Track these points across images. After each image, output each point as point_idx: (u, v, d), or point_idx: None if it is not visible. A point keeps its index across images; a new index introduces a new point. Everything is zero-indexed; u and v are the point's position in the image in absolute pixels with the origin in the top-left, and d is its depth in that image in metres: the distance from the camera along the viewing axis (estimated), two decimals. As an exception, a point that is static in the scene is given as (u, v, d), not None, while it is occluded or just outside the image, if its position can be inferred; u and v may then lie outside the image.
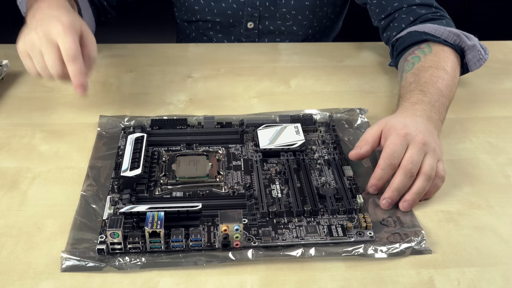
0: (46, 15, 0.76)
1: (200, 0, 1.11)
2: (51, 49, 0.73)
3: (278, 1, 1.09)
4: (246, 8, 1.09)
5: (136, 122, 0.82)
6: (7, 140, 0.79)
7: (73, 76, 0.73)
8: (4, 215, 0.66)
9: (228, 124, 0.82)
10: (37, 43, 0.74)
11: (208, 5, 1.11)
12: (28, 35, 0.75)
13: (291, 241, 0.61)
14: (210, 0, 1.10)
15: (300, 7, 1.10)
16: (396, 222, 0.65)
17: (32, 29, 0.75)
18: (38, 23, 0.75)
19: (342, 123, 0.83)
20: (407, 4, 0.97)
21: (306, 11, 1.11)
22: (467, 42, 0.89)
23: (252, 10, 1.09)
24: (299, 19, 1.11)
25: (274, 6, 1.09)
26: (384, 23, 1.00)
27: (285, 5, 1.09)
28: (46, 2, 0.80)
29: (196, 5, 1.12)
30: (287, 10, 1.09)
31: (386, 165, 0.68)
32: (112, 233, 0.58)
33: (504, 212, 0.68)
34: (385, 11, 0.99)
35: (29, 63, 0.77)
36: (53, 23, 0.73)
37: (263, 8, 1.09)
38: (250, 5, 1.09)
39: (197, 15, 1.14)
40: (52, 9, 0.77)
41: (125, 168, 0.68)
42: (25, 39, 0.75)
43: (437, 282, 0.58)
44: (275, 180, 0.71)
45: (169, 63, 1.03)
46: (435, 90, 0.79)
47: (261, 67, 1.02)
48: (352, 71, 1.01)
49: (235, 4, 1.09)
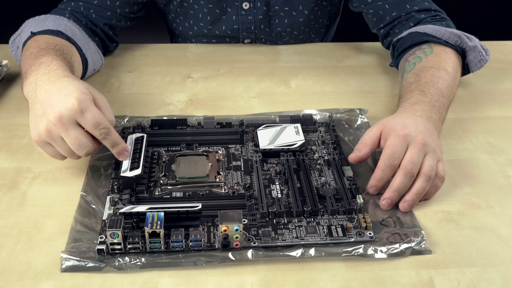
0: (50, 93, 0.67)
1: (193, 26, 1.10)
2: (74, 131, 0.65)
3: (272, 22, 1.08)
4: (242, 33, 1.09)
5: (136, 122, 0.82)
6: (7, 140, 0.79)
7: (113, 147, 0.68)
8: (4, 215, 0.66)
9: (228, 124, 0.82)
10: (53, 130, 0.65)
11: (201, 32, 1.10)
12: (40, 124, 0.66)
13: (291, 242, 0.61)
14: (203, 28, 1.09)
15: (296, 24, 1.09)
16: (396, 222, 0.65)
17: (42, 117, 0.66)
18: (46, 108, 0.66)
19: (342, 123, 0.83)
20: (406, 12, 0.96)
21: (301, 26, 1.10)
22: (468, 43, 0.89)
23: (248, 34, 1.09)
24: (295, 34, 1.10)
25: (269, 28, 1.09)
26: (383, 31, 1.00)
27: (280, 24, 1.08)
28: (44, 74, 0.71)
29: (190, 30, 1.11)
30: (282, 28, 1.08)
31: (386, 166, 0.68)
32: (112, 233, 0.58)
33: (504, 212, 0.68)
34: (384, 21, 0.99)
35: (51, 151, 0.69)
36: (63, 103, 0.65)
37: (258, 31, 1.08)
38: (245, 30, 1.08)
39: (191, 39, 1.13)
40: (53, 83, 0.68)
41: (125, 168, 0.68)
42: (39, 129, 0.66)
43: (437, 282, 0.58)
44: (275, 180, 0.71)
45: (169, 63, 1.03)
46: (435, 91, 0.79)
47: (261, 67, 1.02)
48: (352, 71, 1.01)
49: (230, 31, 1.09)
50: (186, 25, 1.11)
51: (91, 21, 0.97)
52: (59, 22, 0.90)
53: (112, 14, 0.99)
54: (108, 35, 1.01)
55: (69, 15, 0.94)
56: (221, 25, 1.08)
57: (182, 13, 1.09)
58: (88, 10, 0.97)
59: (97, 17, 0.98)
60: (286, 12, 1.06)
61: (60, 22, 0.90)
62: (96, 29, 0.97)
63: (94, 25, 0.97)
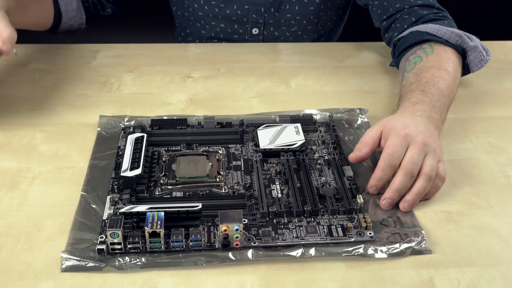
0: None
1: (204, 6, 1.10)
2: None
3: (283, 7, 1.09)
4: (251, 15, 1.09)
5: (136, 122, 0.82)
6: (7, 140, 0.79)
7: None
8: (4, 215, 0.66)
9: (228, 124, 0.82)
10: None
11: (212, 11, 1.10)
12: None
13: (291, 241, 0.61)
14: (214, 6, 1.10)
15: (305, 12, 1.10)
16: (396, 222, 0.65)
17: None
18: None
19: (342, 123, 0.83)
20: (409, 5, 0.97)
21: (311, 15, 1.10)
22: (469, 43, 0.89)
23: (257, 17, 1.09)
24: (304, 24, 1.11)
25: (278, 12, 1.09)
26: (385, 24, 1.00)
27: (290, 10, 1.09)
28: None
29: (200, 11, 1.11)
30: (291, 15, 1.09)
31: (386, 166, 0.68)
32: (112, 233, 0.58)
33: (504, 212, 0.68)
34: (387, 12, 0.99)
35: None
36: None
37: (268, 15, 1.09)
38: (254, 11, 1.09)
39: (201, 20, 1.13)
40: None
41: (125, 168, 0.68)
42: None
43: (437, 282, 0.58)
44: (275, 180, 0.71)
45: (169, 63, 1.03)
46: (436, 90, 0.79)
47: (261, 67, 1.02)
48: (352, 71, 1.01)
49: (240, 11, 1.09)
50: (195, 5, 1.11)
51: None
52: None
53: None
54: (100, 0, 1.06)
55: None
56: (233, 4, 1.09)
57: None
58: None
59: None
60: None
61: None
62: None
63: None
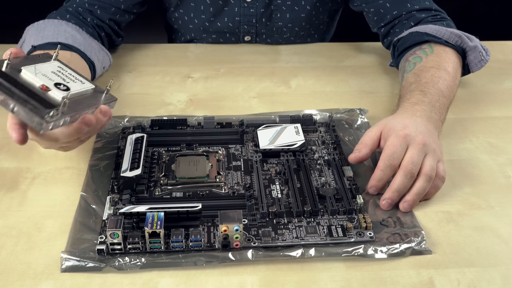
0: None
1: (194, 19, 1.09)
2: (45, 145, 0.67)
3: (274, 16, 1.08)
4: (243, 26, 1.08)
5: (136, 122, 0.82)
6: (7, 140, 0.79)
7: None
8: (4, 216, 0.66)
9: (228, 125, 0.82)
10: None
11: (202, 25, 1.09)
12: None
13: (291, 242, 0.61)
14: (204, 20, 1.08)
15: (297, 19, 1.08)
16: (396, 222, 0.65)
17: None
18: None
19: (342, 124, 0.83)
20: (407, 11, 0.96)
21: (303, 22, 1.09)
22: (468, 43, 0.89)
23: (249, 27, 1.09)
24: (296, 30, 1.10)
25: (270, 21, 1.08)
26: (384, 30, 1.00)
27: (281, 19, 1.08)
28: None
29: (190, 24, 1.11)
30: (283, 23, 1.08)
31: (386, 166, 0.68)
32: (112, 234, 0.58)
33: (504, 212, 0.68)
34: (384, 19, 0.99)
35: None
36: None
37: (259, 25, 1.08)
38: (246, 23, 1.08)
39: (191, 33, 1.13)
40: None
41: (125, 169, 0.68)
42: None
43: (437, 282, 0.58)
44: (275, 180, 0.71)
45: (169, 63, 1.03)
46: (435, 91, 0.79)
47: (261, 67, 1.02)
48: (352, 71, 1.01)
49: (231, 23, 1.08)
50: (186, 18, 1.10)
51: (97, 17, 0.98)
52: (58, 29, 0.90)
53: (116, 10, 1.00)
54: (114, 29, 1.02)
55: (70, 17, 0.94)
56: (223, 17, 1.08)
57: (183, 5, 1.09)
58: (93, 6, 0.98)
59: (102, 13, 0.99)
60: (288, 7, 1.06)
61: (59, 29, 0.90)
62: (102, 24, 0.99)
63: (100, 20, 0.98)
